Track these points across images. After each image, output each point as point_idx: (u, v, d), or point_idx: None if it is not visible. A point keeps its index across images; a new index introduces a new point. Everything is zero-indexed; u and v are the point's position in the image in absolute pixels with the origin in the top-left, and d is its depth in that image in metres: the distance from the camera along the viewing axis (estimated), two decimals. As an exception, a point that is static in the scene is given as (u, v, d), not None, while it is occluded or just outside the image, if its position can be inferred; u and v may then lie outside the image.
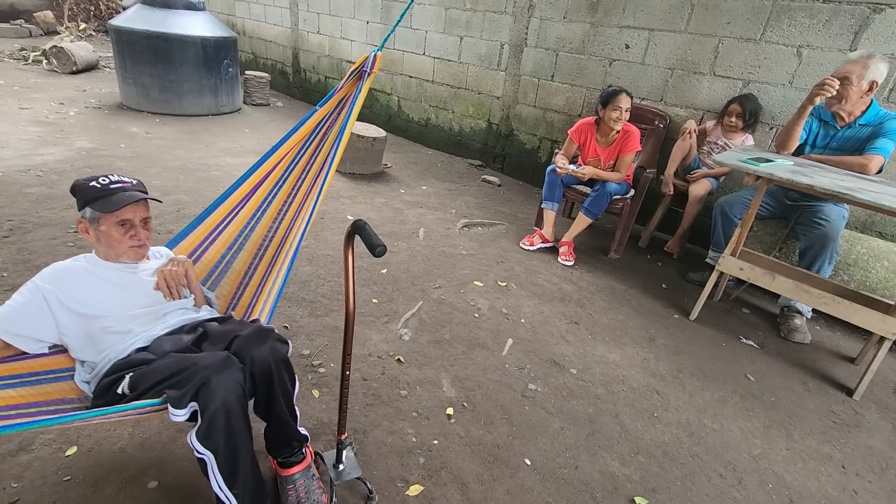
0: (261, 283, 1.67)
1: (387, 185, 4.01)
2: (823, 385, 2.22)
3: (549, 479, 1.56)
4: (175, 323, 1.39)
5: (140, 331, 1.33)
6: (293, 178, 1.63)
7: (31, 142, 3.83)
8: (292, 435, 1.33)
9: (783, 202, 2.69)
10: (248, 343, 1.25)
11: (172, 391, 1.10)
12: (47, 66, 6.49)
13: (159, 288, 1.39)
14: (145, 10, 4.98)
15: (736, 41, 3.09)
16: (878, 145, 2.29)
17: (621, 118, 2.84)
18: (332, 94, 1.50)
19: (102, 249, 1.35)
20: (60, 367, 1.32)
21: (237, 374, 1.15)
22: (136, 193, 1.32)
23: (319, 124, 1.56)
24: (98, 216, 1.28)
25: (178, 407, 1.08)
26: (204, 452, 1.10)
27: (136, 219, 1.33)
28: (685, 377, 2.14)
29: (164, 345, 1.30)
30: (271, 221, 1.67)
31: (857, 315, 2.12)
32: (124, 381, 1.19)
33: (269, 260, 1.67)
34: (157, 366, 1.18)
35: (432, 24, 4.85)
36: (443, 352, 2.10)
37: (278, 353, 1.26)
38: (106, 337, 1.29)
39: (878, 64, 2.22)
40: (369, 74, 1.41)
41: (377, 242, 1.09)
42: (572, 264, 3.02)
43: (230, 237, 1.66)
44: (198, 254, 1.64)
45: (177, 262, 1.44)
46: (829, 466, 1.77)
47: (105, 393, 1.23)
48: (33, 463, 1.40)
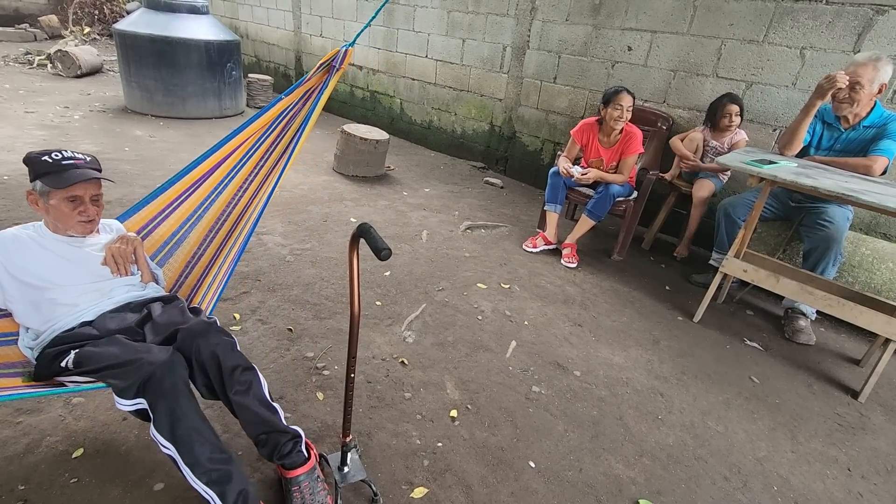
0: (208, 265, 1.69)
1: (390, 188, 4.02)
2: (828, 387, 2.21)
3: (553, 482, 1.56)
4: (121, 299, 1.42)
5: (86, 305, 1.36)
6: (251, 164, 1.65)
7: (37, 145, 3.85)
8: (272, 427, 1.30)
9: (787, 204, 2.69)
10: (190, 335, 1.29)
11: (116, 381, 1.16)
12: (52, 69, 6.53)
13: (107, 264, 1.41)
14: (149, 13, 5.01)
15: (739, 43, 3.09)
16: (882, 147, 2.28)
17: (622, 117, 2.85)
18: (298, 85, 1.51)
19: (51, 221, 1.37)
20: (4, 332, 1.35)
21: (181, 370, 1.20)
22: (88, 171, 1.33)
23: (282, 113, 1.57)
24: (48, 190, 1.30)
25: (122, 397, 1.14)
26: (167, 446, 1.14)
27: (86, 196, 1.35)
28: (689, 379, 2.14)
29: (109, 323, 1.34)
30: (225, 205, 1.69)
31: (861, 317, 2.12)
32: (69, 356, 1.24)
33: (219, 243, 1.69)
34: (104, 351, 1.22)
35: (435, 27, 4.86)
36: (446, 354, 2.11)
37: (222, 343, 1.29)
38: (53, 308, 1.32)
39: (886, 66, 2.22)
40: (338, 69, 1.43)
41: (382, 246, 1.09)
42: (576, 266, 3.02)
43: (183, 215, 1.67)
44: (149, 228, 1.65)
45: (126, 241, 1.46)
46: (834, 469, 1.76)
47: (49, 363, 1.27)
48: (40, 465, 1.40)
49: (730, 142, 3.04)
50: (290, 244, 2.85)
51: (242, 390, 1.29)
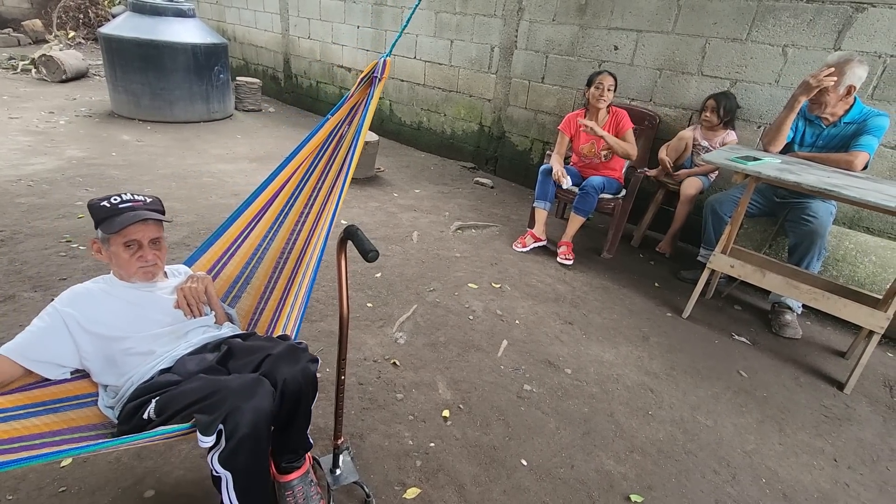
0: (282, 297, 1.64)
1: (380, 189, 4.02)
2: (815, 380, 2.25)
3: (545, 479, 1.58)
4: (198, 341, 1.35)
5: (162, 351, 1.30)
6: (308, 188, 1.61)
7: (22, 151, 3.81)
8: (302, 443, 1.33)
9: (772, 200, 2.72)
10: (279, 363, 1.21)
11: (202, 416, 1.06)
12: (36, 74, 6.46)
13: (179, 306, 1.37)
14: (135, 17, 4.97)
15: (722, 41, 3.13)
16: (862, 142, 2.32)
17: (602, 95, 2.94)
18: (343, 103, 1.47)
19: (116, 270, 1.32)
20: (83, 393, 1.28)
21: (267, 398, 1.12)
22: (142, 213, 1.28)
23: (332, 133, 1.54)
24: (108, 237, 1.26)
25: (206, 434, 1.04)
26: (223, 473, 1.08)
27: (143, 239, 1.29)
28: (679, 375, 2.17)
29: (189, 365, 1.27)
30: (288, 234, 1.65)
31: (845, 310, 2.15)
32: (150, 405, 1.16)
33: (290, 273, 1.64)
34: (184, 389, 1.15)
35: (423, 28, 4.87)
36: (438, 354, 2.11)
37: (309, 372, 1.24)
38: (128, 359, 1.26)
39: (854, 69, 2.25)
40: (380, 80, 1.39)
41: (369, 248, 1.10)
42: (572, 263, 3.03)
43: (248, 252, 1.64)
44: (216, 270, 1.62)
45: (196, 279, 1.42)
46: (821, 460, 1.79)
47: (130, 418, 1.19)
48: (28, 475, 1.39)
49: (721, 141, 3.06)
50: (281, 247, 2.84)
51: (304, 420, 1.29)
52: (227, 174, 3.92)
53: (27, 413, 1.13)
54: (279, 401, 1.19)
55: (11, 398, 1.13)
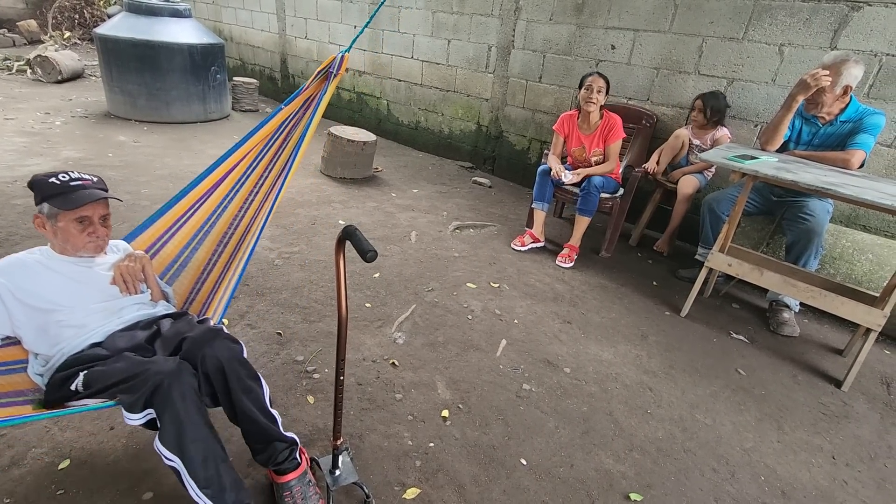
0: (218, 279, 1.68)
1: (378, 189, 4.01)
2: (812, 377, 2.26)
3: (545, 479, 1.58)
4: (131, 318, 1.40)
5: (95, 325, 1.34)
6: (255, 175, 1.64)
7: (17, 153, 3.79)
8: (272, 436, 1.31)
9: (769, 198, 2.73)
10: (196, 344, 1.26)
11: (125, 395, 1.13)
12: (32, 75, 6.42)
13: (115, 283, 1.40)
14: (131, 17, 4.95)
15: (719, 40, 3.14)
16: (859, 141, 2.33)
17: (591, 98, 2.91)
18: (298, 94, 1.51)
19: (59, 244, 1.34)
20: (13, 360, 1.32)
21: (189, 377, 1.17)
22: (96, 192, 1.32)
23: (283, 123, 1.57)
24: (56, 212, 1.28)
25: (131, 411, 1.12)
26: (172, 459, 1.12)
27: (94, 216, 1.33)
28: (677, 373, 2.17)
29: (118, 342, 1.31)
30: (231, 219, 1.68)
31: (843, 307, 2.16)
32: (78, 378, 1.21)
33: (228, 257, 1.67)
34: (111, 368, 1.20)
35: (420, 28, 4.87)
36: (437, 354, 2.11)
37: (229, 350, 1.27)
38: (60, 330, 1.30)
39: (850, 69, 2.25)
40: (335, 76, 1.43)
41: (368, 248, 1.09)
42: (568, 267, 3.02)
43: (190, 232, 1.66)
44: (156, 248, 1.63)
45: (134, 258, 1.44)
46: (819, 458, 1.80)
47: (58, 388, 1.24)
48: (26, 477, 1.38)
49: (711, 139, 3.08)
50: (279, 248, 2.84)
51: (245, 400, 1.27)
52: (224, 175, 3.90)
53: None
54: (206, 382, 1.24)
55: None
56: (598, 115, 3.02)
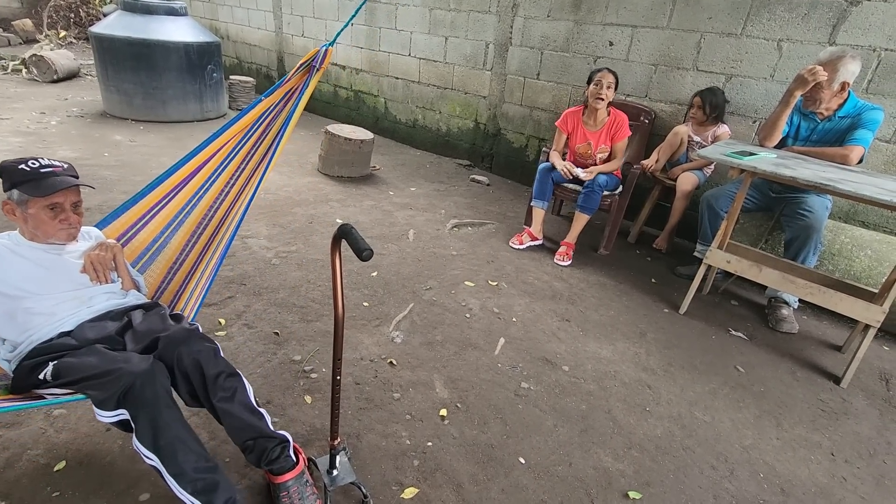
0: (190, 271, 1.67)
1: (375, 188, 4.00)
2: (811, 374, 2.25)
3: (543, 477, 1.57)
4: (102, 308, 1.39)
5: (65, 314, 1.33)
6: (232, 167, 1.63)
7: (13, 153, 3.76)
8: (258, 433, 1.29)
9: (768, 194, 2.72)
10: (171, 343, 1.26)
11: (95, 392, 1.13)
12: (27, 75, 6.39)
13: (86, 271, 1.39)
14: (126, 16, 4.92)
15: (717, 36, 3.13)
16: (857, 136, 2.32)
17: (600, 93, 2.90)
18: (279, 86, 1.50)
19: (29, 231, 1.34)
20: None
21: (163, 378, 1.17)
22: (67, 179, 1.31)
23: (263, 115, 1.56)
24: (26, 199, 1.28)
25: (103, 408, 1.12)
26: (151, 457, 1.12)
27: (66, 203, 1.33)
28: (676, 371, 2.16)
29: (88, 332, 1.30)
30: (206, 209, 1.66)
31: (842, 304, 2.16)
32: (47, 367, 1.21)
33: (201, 248, 1.67)
34: (82, 361, 1.19)
35: (417, 25, 4.84)
36: (435, 353, 2.10)
37: (204, 350, 1.27)
38: (29, 318, 1.29)
39: (847, 65, 2.24)
40: (318, 69, 1.42)
41: (364, 246, 1.08)
42: (567, 264, 3.01)
43: (164, 221, 1.65)
44: (129, 235, 1.62)
45: (105, 247, 1.43)
46: (818, 454, 1.80)
47: (27, 376, 1.24)
48: (21, 479, 1.37)
49: (712, 135, 3.07)
50: (276, 247, 2.83)
51: (227, 397, 1.27)
52: (221, 174, 3.89)
53: None
54: (186, 382, 1.24)
55: None
56: (606, 111, 3.01)
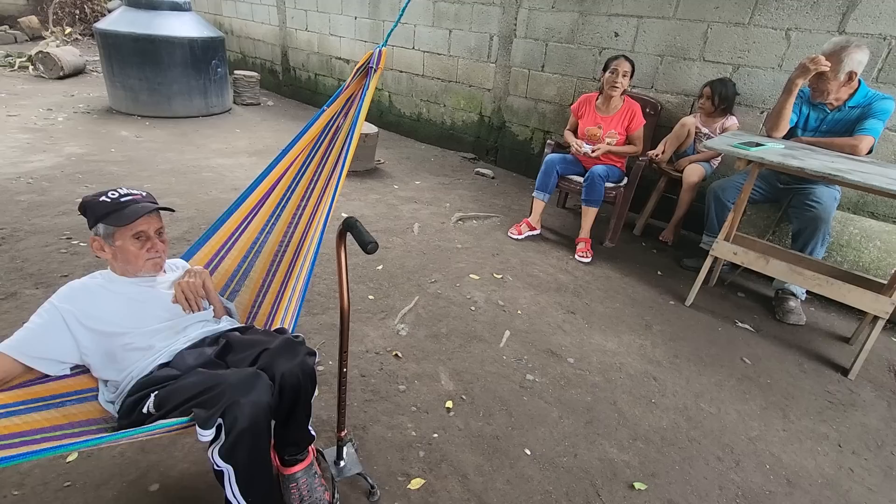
0: (280, 290, 1.64)
1: (380, 181, 4.00)
2: (819, 365, 2.24)
3: (548, 468, 1.58)
4: (196, 336, 1.36)
5: (161, 346, 1.30)
6: (305, 181, 1.60)
7: (21, 149, 3.80)
8: (304, 436, 1.33)
9: (775, 186, 2.70)
10: (277, 357, 1.21)
11: (200, 410, 1.07)
12: (34, 71, 6.43)
13: (178, 301, 1.37)
14: (131, 12, 4.94)
15: (724, 26, 3.09)
16: (867, 126, 2.29)
17: (616, 81, 2.89)
18: (339, 94, 1.46)
19: (119, 266, 1.32)
20: (84, 388, 1.28)
21: (266, 392, 1.12)
22: (148, 205, 1.29)
23: (328, 125, 1.53)
24: (112, 231, 1.26)
25: (205, 427, 1.05)
26: (224, 466, 1.08)
27: (150, 230, 1.30)
28: (682, 362, 2.16)
29: (187, 359, 1.27)
30: (286, 227, 1.64)
31: (850, 295, 2.14)
32: (149, 399, 1.17)
33: (287, 266, 1.64)
34: (183, 384, 1.16)
35: (421, 18, 4.82)
36: (440, 346, 2.11)
37: (308, 366, 1.24)
38: (127, 354, 1.26)
39: (852, 55, 2.21)
40: (375, 71, 1.38)
41: (369, 240, 1.09)
42: (589, 261, 2.98)
43: (245, 245, 1.63)
44: (214, 264, 1.61)
45: (194, 274, 1.41)
46: (825, 446, 1.79)
47: (130, 412, 1.20)
48: (34, 470, 1.40)
49: (720, 127, 3.04)
50: (281, 241, 2.84)
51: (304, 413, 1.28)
52: (226, 168, 3.90)
53: (27, 409, 1.13)
54: (278, 395, 1.19)
55: (11, 394, 1.13)
56: (620, 99, 3.02)
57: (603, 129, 3.06)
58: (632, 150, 3.07)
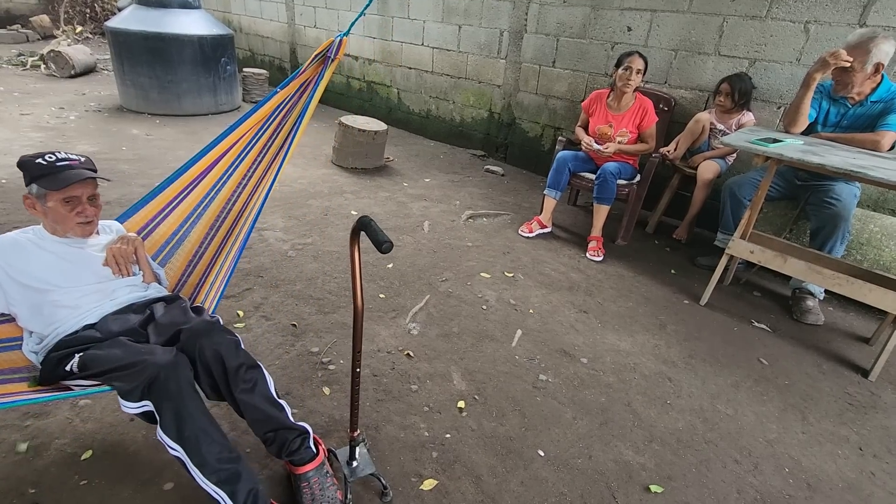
0: (210, 263, 1.68)
1: (389, 179, 3.98)
2: (838, 367, 2.19)
3: (563, 470, 1.56)
4: (124, 300, 1.41)
5: (89, 307, 1.35)
6: (249, 159, 1.63)
7: (34, 147, 3.83)
8: (279, 425, 1.30)
9: (793, 182, 2.64)
10: (193, 336, 1.27)
11: (120, 384, 1.15)
12: (46, 70, 6.49)
13: (108, 264, 1.41)
14: (141, 10, 4.95)
15: (741, 19, 3.02)
16: (890, 121, 2.23)
17: (630, 79, 2.84)
18: (294, 77, 1.50)
19: (49, 224, 1.36)
20: (8, 336, 1.35)
21: (186, 371, 1.19)
22: (83, 171, 1.32)
23: (278, 107, 1.56)
24: (44, 193, 1.30)
25: (127, 399, 1.14)
26: (175, 448, 1.14)
27: (83, 196, 1.34)
28: (697, 363, 2.13)
29: (111, 325, 1.33)
30: (225, 202, 1.67)
31: (870, 295, 2.09)
32: (73, 359, 1.24)
33: (221, 240, 1.68)
34: (108, 353, 1.21)
35: (430, 14, 4.79)
36: (452, 345, 2.09)
37: (226, 342, 1.28)
38: (55, 310, 1.31)
39: (880, 46, 2.15)
40: (333, 60, 1.42)
41: (383, 239, 1.07)
42: (601, 259, 2.95)
43: (183, 214, 1.66)
44: (149, 229, 1.64)
45: (126, 240, 1.45)
46: (845, 449, 1.75)
47: (54, 367, 1.27)
48: (50, 468, 1.40)
49: (737, 123, 2.98)
50: (292, 239, 2.84)
51: (248, 389, 1.28)
52: (236, 166, 3.91)
53: None
54: (206, 374, 1.25)
55: None
56: (632, 96, 2.97)
57: (614, 128, 3.02)
58: (644, 148, 3.02)
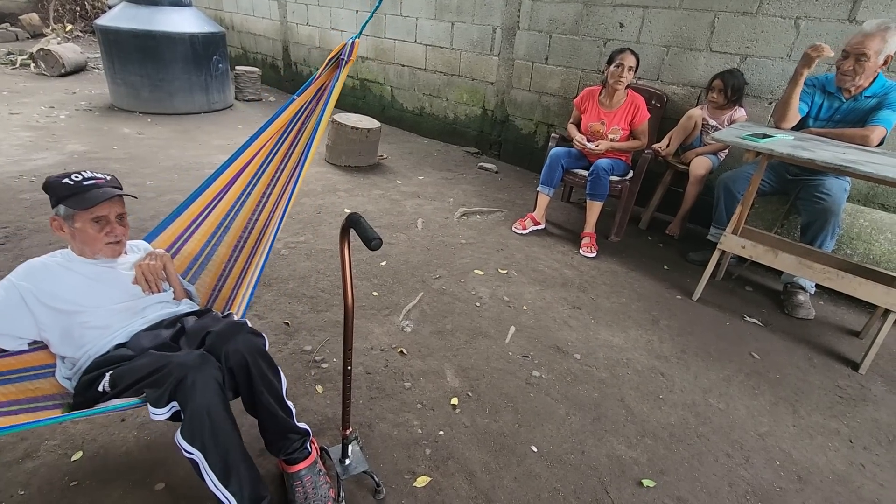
0: (241, 275, 1.66)
1: (383, 177, 3.97)
2: (829, 360, 2.21)
3: (556, 465, 1.56)
4: (154, 317, 1.39)
5: (119, 326, 1.33)
6: (272, 168, 1.61)
7: (23, 147, 3.79)
8: (287, 428, 1.31)
9: (784, 177, 2.66)
10: (220, 338, 1.25)
11: (150, 390, 1.12)
12: (35, 69, 6.42)
13: (137, 282, 1.38)
14: (131, 8, 4.91)
15: (732, 15, 3.03)
16: (881, 117, 2.25)
17: (622, 76, 2.84)
18: (310, 83, 1.49)
19: (77, 246, 1.34)
20: (41, 364, 1.32)
21: (213, 370, 1.16)
22: (110, 190, 1.30)
23: (297, 114, 1.54)
24: (72, 213, 1.27)
25: (157, 406, 1.10)
26: (192, 452, 1.10)
27: (111, 215, 1.32)
28: (689, 358, 2.14)
29: (143, 341, 1.30)
30: (251, 213, 1.66)
31: (860, 289, 2.11)
32: (104, 379, 1.21)
33: (249, 251, 1.66)
34: (135, 364, 1.19)
35: (423, 11, 4.77)
36: (445, 342, 2.09)
37: (252, 344, 1.26)
38: (85, 332, 1.29)
39: (894, 36, 2.15)
40: (346, 62, 1.40)
41: (372, 236, 1.07)
42: (594, 256, 2.95)
43: (209, 229, 1.65)
44: (177, 247, 1.62)
45: (154, 256, 1.43)
46: (836, 441, 1.77)
47: (86, 390, 1.24)
48: (39, 469, 1.39)
49: (729, 119, 2.99)
50: (284, 237, 2.83)
51: (266, 390, 1.27)
52: (228, 165, 3.88)
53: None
54: (230, 376, 1.22)
55: None
56: (624, 93, 2.97)
57: (606, 125, 3.02)
58: (636, 145, 3.03)
